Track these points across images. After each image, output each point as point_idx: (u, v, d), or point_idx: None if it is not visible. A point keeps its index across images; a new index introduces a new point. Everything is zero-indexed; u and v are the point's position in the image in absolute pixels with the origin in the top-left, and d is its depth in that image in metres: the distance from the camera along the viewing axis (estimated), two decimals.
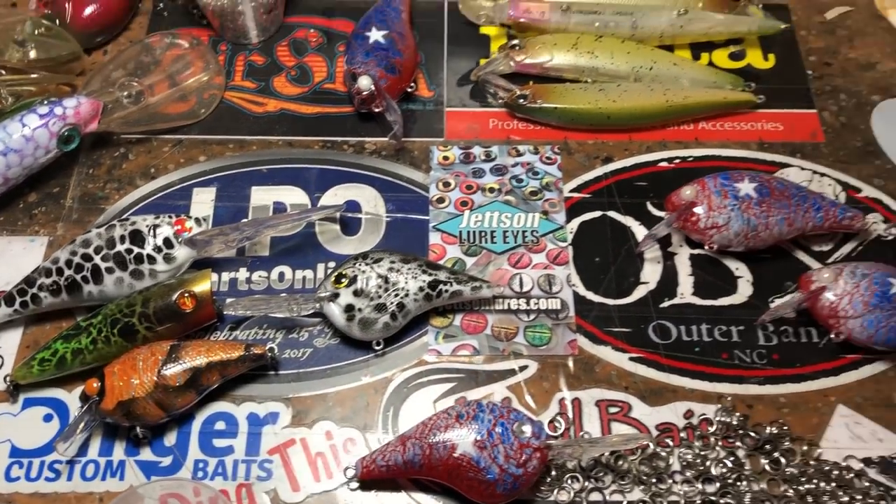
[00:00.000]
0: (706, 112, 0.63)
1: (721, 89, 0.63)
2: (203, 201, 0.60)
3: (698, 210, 0.55)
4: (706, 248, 0.56)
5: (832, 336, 0.53)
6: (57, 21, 0.64)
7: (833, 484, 0.49)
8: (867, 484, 0.49)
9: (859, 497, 0.49)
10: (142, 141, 0.63)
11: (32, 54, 0.62)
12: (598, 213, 0.60)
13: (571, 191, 0.61)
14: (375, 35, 0.62)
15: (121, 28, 0.68)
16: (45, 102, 0.57)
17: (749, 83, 0.64)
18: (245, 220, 0.57)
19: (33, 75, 0.61)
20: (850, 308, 0.52)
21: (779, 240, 0.56)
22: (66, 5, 0.65)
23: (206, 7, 0.64)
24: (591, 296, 0.56)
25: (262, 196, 0.60)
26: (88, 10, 0.65)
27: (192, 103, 0.63)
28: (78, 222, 0.59)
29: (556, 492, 0.49)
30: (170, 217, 0.54)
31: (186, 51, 0.64)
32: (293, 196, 0.60)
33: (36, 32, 0.63)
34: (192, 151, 0.62)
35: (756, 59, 0.67)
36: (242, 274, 0.57)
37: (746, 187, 0.55)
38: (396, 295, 0.52)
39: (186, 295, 0.52)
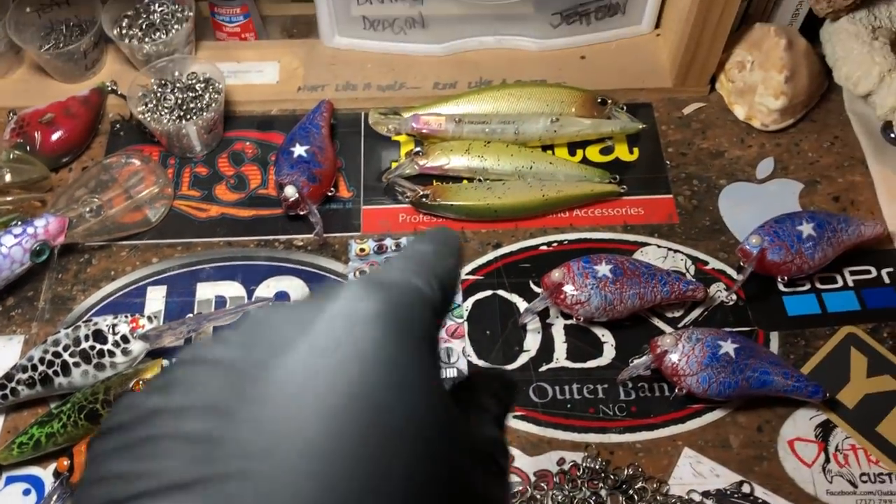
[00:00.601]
0: (578, 203, 0.75)
1: (590, 182, 0.76)
2: (156, 298, 0.71)
3: (566, 289, 0.67)
4: (575, 319, 0.68)
5: (677, 391, 0.64)
6: (28, 147, 0.76)
7: None
8: None
9: None
10: (103, 247, 0.74)
11: (8, 178, 0.73)
12: (489, 293, 0.71)
13: (467, 274, 0.72)
14: (299, 150, 0.74)
15: (83, 148, 0.79)
16: (19, 223, 0.68)
17: (615, 176, 0.77)
18: (190, 315, 0.68)
19: (9, 197, 0.73)
20: (688, 367, 0.63)
21: (634, 311, 0.68)
22: (36, 134, 0.76)
23: (155, 131, 0.76)
24: (482, 363, 0.67)
25: (205, 291, 0.71)
26: (55, 137, 0.76)
27: (146, 213, 0.75)
28: (50, 321, 0.70)
29: None
30: (126, 316, 0.65)
31: (139, 167, 0.76)
32: (232, 289, 0.71)
33: (10, 158, 0.74)
34: (146, 255, 0.73)
35: (623, 152, 0.80)
36: None
37: (603, 269, 0.67)
38: None
39: (141, 383, 0.63)
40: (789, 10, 0.82)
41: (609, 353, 0.68)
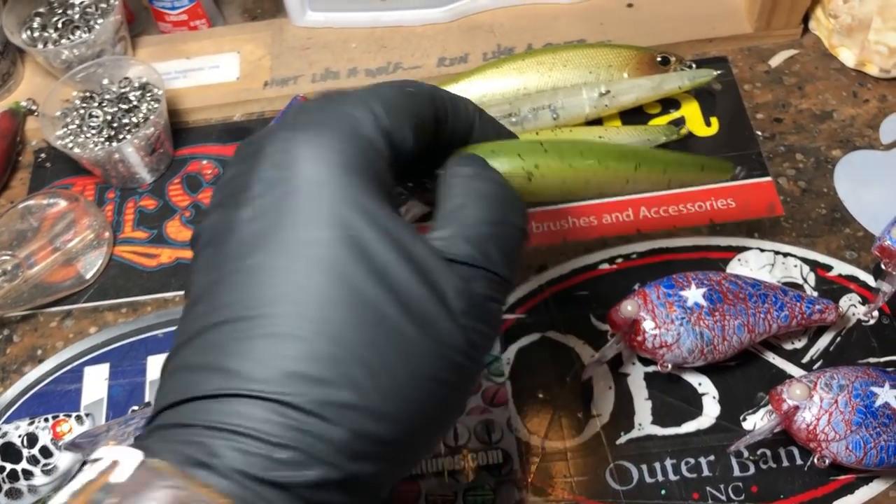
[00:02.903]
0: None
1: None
2: (96, 381, 0.54)
3: (644, 326, 0.48)
4: (660, 367, 0.49)
5: (816, 460, 0.45)
6: None
7: None
8: None
9: None
10: (27, 318, 0.57)
11: None
12: (536, 336, 0.53)
13: (506, 313, 0.54)
14: None
15: None
16: None
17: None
18: (136, 407, 0.51)
19: None
20: (832, 429, 0.44)
21: (740, 349, 0.49)
22: None
23: (82, 159, 0.58)
24: (536, 440, 0.49)
25: (159, 367, 0.54)
26: None
27: (78, 268, 0.57)
28: None
29: None
30: (45, 420, 0.48)
31: (67, 208, 0.58)
32: None
33: None
34: (81, 323, 0.56)
35: (697, 125, 0.60)
36: None
37: (694, 294, 0.48)
38: None
39: None
40: None
41: (711, 408, 0.49)
